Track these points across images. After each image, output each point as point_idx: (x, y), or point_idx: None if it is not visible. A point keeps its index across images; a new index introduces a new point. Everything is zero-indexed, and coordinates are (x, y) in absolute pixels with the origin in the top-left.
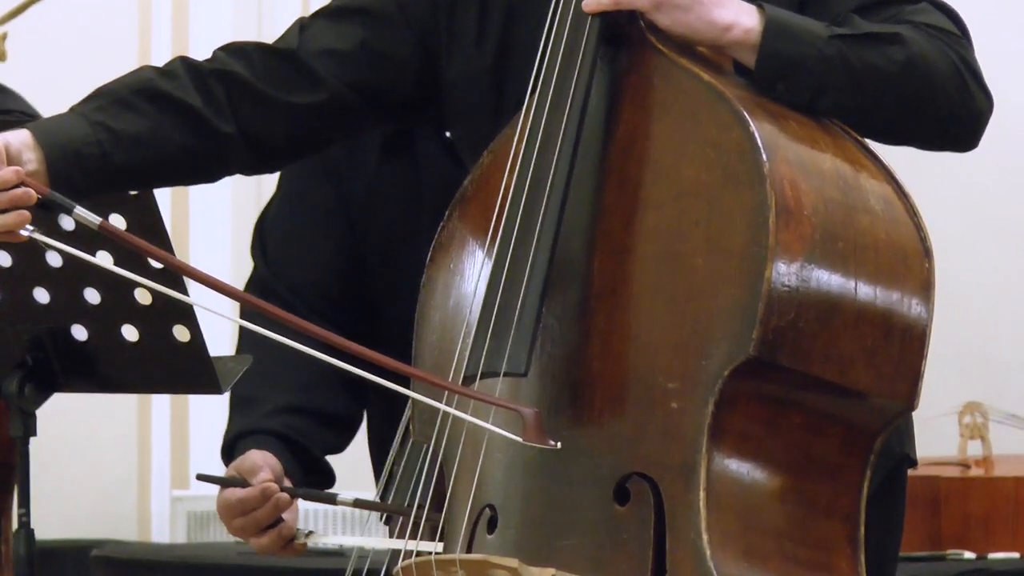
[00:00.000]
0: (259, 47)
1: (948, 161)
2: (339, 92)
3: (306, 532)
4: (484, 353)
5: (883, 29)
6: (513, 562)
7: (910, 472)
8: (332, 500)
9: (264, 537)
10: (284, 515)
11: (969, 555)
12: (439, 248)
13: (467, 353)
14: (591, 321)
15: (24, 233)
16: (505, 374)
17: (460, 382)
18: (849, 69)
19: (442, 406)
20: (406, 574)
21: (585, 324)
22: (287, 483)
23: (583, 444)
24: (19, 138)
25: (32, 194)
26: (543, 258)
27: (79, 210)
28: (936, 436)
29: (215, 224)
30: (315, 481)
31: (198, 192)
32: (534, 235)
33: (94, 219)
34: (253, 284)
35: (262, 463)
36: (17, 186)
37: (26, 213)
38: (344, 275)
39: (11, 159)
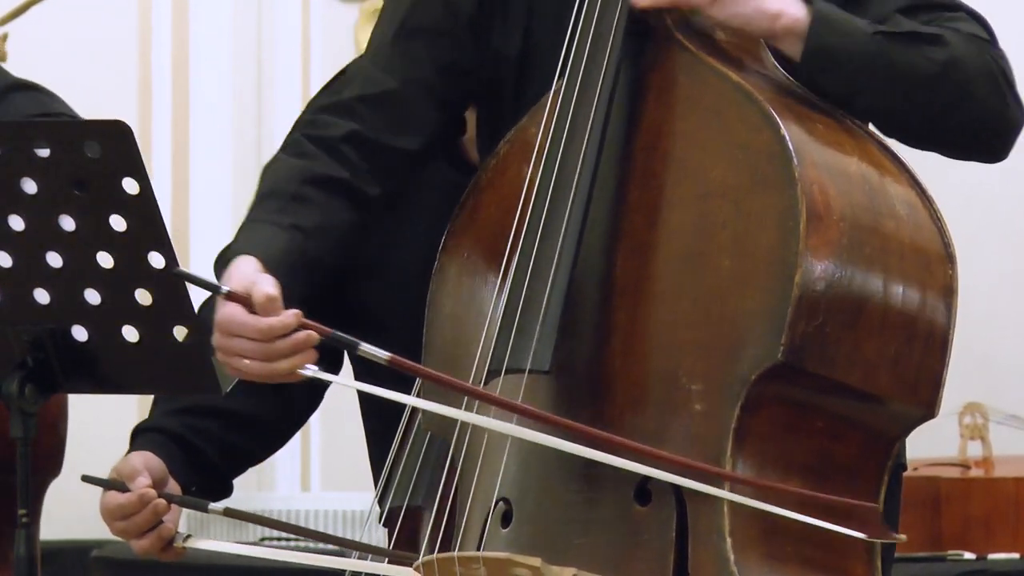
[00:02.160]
0: (357, 99)
1: (948, 163)
2: (435, 118)
3: (184, 536)
4: (509, 350)
5: (926, 29)
6: (536, 561)
7: (911, 473)
8: (204, 508)
9: (144, 539)
10: (165, 517)
11: (969, 556)
12: (452, 236)
13: (490, 348)
14: (613, 318)
15: (307, 373)
16: (529, 371)
17: (483, 377)
18: (890, 66)
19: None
20: (427, 570)
21: (607, 321)
22: (171, 483)
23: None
24: (253, 267)
25: (315, 336)
26: (568, 254)
27: (364, 346)
28: (936, 437)
29: (216, 227)
30: (207, 484)
31: (199, 193)
32: (560, 231)
33: (382, 354)
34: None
35: (141, 467)
36: (297, 329)
37: (313, 353)
38: (328, 286)
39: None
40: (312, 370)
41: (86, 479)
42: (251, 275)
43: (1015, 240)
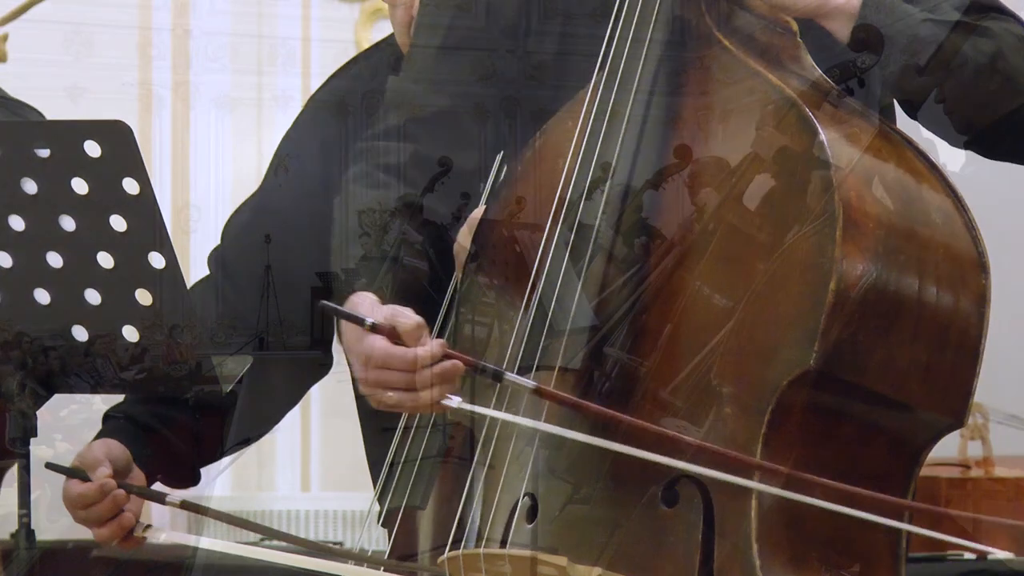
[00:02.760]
0: (411, 121)
1: (945, 161)
2: (486, 130)
3: (144, 526)
4: (540, 346)
5: (975, 21)
6: (562, 560)
7: None
8: (161, 500)
9: (105, 528)
10: (126, 507)
11: (969, 556)
12: (483, 226)
13: (522, 343)
14: (644, 318)
15: (451, 404)
16: (560, 368)
17: (515, 371)
18: (939, 51)
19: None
20: (452, 565)
21: (639, 320)
22: (135, 471)
23: (632, 442)
24: (374, 300)
25: (460, 366)
26: (603, 252)
27: (509, 375)
28: None
29: (216, 227)
30: (173, 473)
31: (199, 192)
32: (594, 227)
33: (528, 383)
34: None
35: (102, 457)
36: (443, 359)
37: (456, 383)
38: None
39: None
40: (456, 401)
41: (49, 467)
42: (386, 306)
43: (1015, 240)
